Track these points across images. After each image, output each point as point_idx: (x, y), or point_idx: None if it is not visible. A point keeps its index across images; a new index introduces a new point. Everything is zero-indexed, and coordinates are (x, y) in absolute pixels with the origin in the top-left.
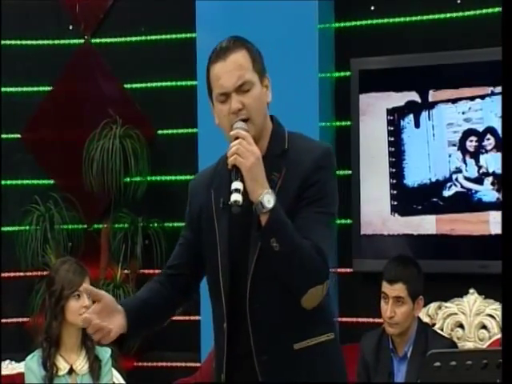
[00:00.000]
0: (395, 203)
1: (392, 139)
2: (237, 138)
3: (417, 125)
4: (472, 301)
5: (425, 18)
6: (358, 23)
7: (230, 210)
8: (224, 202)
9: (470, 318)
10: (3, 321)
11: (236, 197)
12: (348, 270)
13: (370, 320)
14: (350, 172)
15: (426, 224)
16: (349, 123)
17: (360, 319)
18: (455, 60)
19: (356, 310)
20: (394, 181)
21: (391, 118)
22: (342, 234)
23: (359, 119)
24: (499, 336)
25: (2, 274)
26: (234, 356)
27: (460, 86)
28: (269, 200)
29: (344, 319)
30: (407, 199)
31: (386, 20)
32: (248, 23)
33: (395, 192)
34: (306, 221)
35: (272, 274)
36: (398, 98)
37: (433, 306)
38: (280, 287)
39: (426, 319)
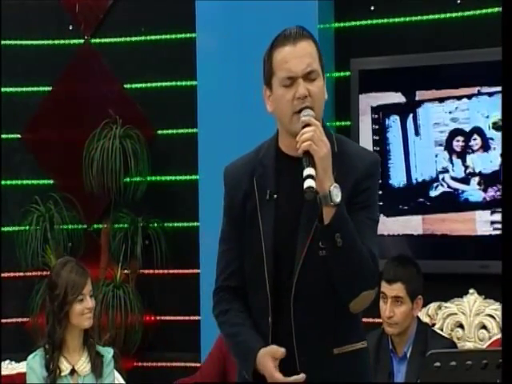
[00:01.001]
0: (380, 203)
1: (377, 138)
2: (308, 125)
3: (402, 124)
4: (472, 301)
5: (425, 18)
6: (358, 23)
7: (276, 201)
8: (270, 193)
9: (469, 318)
10: (3, 321)
11: (310, 183)
12: None
13: (370, 320)
14: None
15: (415, 224)
16: (348, 123)
17: None
18: (455, 60)
19: None
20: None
21: (376, 116)
22: None
23: (359, 119)
24: (499, 336)
25: (2, 274)
26: None
27: (460, 86)
28: (337, 194)
29: None
30: (393, 200)
31: (385, 20)
32: (248, 23)
33: (380, 192)
34: (360, 225)
35: (318, 274)
36: (398, 98)
37: (433, 306)
38: (325, 288)
39: (425, 319)
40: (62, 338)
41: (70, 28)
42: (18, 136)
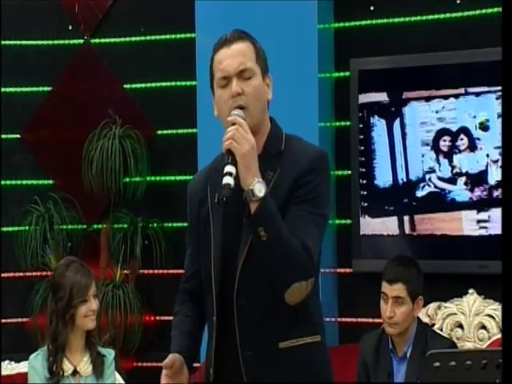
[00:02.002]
0: (365, 204)
1: (362, 137)
2: (234, 124)
3: (388, 123)
4: (471, 301)
5: (424, 18)
6: (358, 23)
7: (225, 204)
8: (219, 197)
9: (469, 318)
10: (3, 321)
11: (227, 180)
12: (347, 270)
13: (370, 320)
14: (349, 172)
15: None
16: (348, 123)
17: (360, 319)
18: (454, 60)
19: (356, 310)
20: (364, 181)
21: (360, 114)
22: (342, 234)
23: (359, 119)
24: (499, 336)
25: (2, 274)
26: (222, 350)
27: (460, 86)
28: (260, 189)
29: (344, 319)
30: (378, 200)
31: (385, 20)
32: (248, 23)
33: (365, 193)
34: (296, 218)
35: (260, 270)
36: (383, 97)
37: (432, 306)
38: (267, 284)
39: (425, 319)
40: (66, 339)
41: (70, 28)
42: (18, 136)
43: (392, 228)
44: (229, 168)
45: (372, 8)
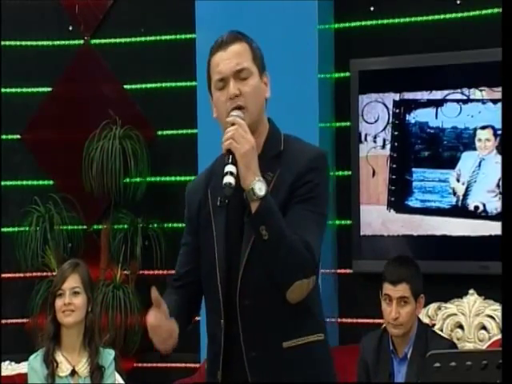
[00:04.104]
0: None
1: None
2: (233, 124)
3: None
4: (472, 301)
5: (424, 18)
6: (358, 24)
7: (227, 206)
8: (221, 199)
9: (469, 319)
10: (3, 321)
11: (228, 179)
12: (348, 270)
13: (370, 321)
14: (349, 172)
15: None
16: (348, 124)
17: (360, 320)
18: (454, 61)
19: (356, 311)
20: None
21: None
22: (342, 234)
23: (359, 120)
24: (499, 337)
25: (2, 275)
26: (229, 352)
27: (460, 86)
28: (260, 188)
29: (344, 320)
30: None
31: (385, 21)
32: (248, 24)
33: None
34: (296, 217)
35: (262, 270)
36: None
37: (432, 306)
38: (270, 283)
39: (425, 320)
40: (55, 332)
41: (70, 29)
42: (18, 136)
43: (392, 228)
44: (229, 167)
45: (372, 8)
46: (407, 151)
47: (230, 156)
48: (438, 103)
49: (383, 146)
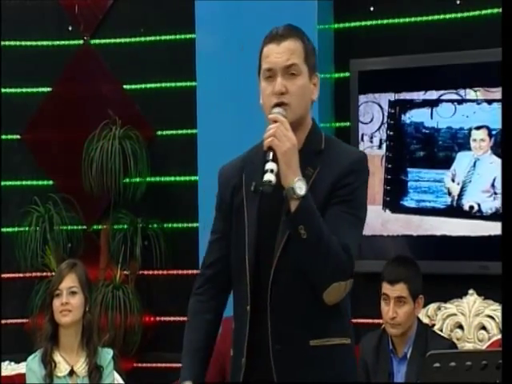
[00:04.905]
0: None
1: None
2: (275, 121)
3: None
4: (471, 302)
5: (424, 18)
6: (358, 24)
7: (261, 194)
8: (256, 185)
9: (469, 319)
10: (3, 321)
11: (269, 176)
12: None
13: (369, 321)
14: None
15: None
16: (348, 124)
17: (360, 320)
18: (454, 61)
19: (355, 311)
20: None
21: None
22: None
23: (358, 120)
24: (499, 337)
25: (2, 275)
26: (254, 341)
27: (460, 87)
28: (300, 187)
29: None
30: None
31: (385, 21)
32: (247, 23)
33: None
34: (335, 218)
35: (296, 265)
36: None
37: (432, 306)
38: (303, 281)
39: (425, 320)
40: (53, 332)
41: (70, 29)
42: (18, 136)
43: (392, 229)
44: (270, 165)
45: (372, 8)
46: (402, 151)
47: (271, 153)
48: (433, 103)
49: (379, 146)
